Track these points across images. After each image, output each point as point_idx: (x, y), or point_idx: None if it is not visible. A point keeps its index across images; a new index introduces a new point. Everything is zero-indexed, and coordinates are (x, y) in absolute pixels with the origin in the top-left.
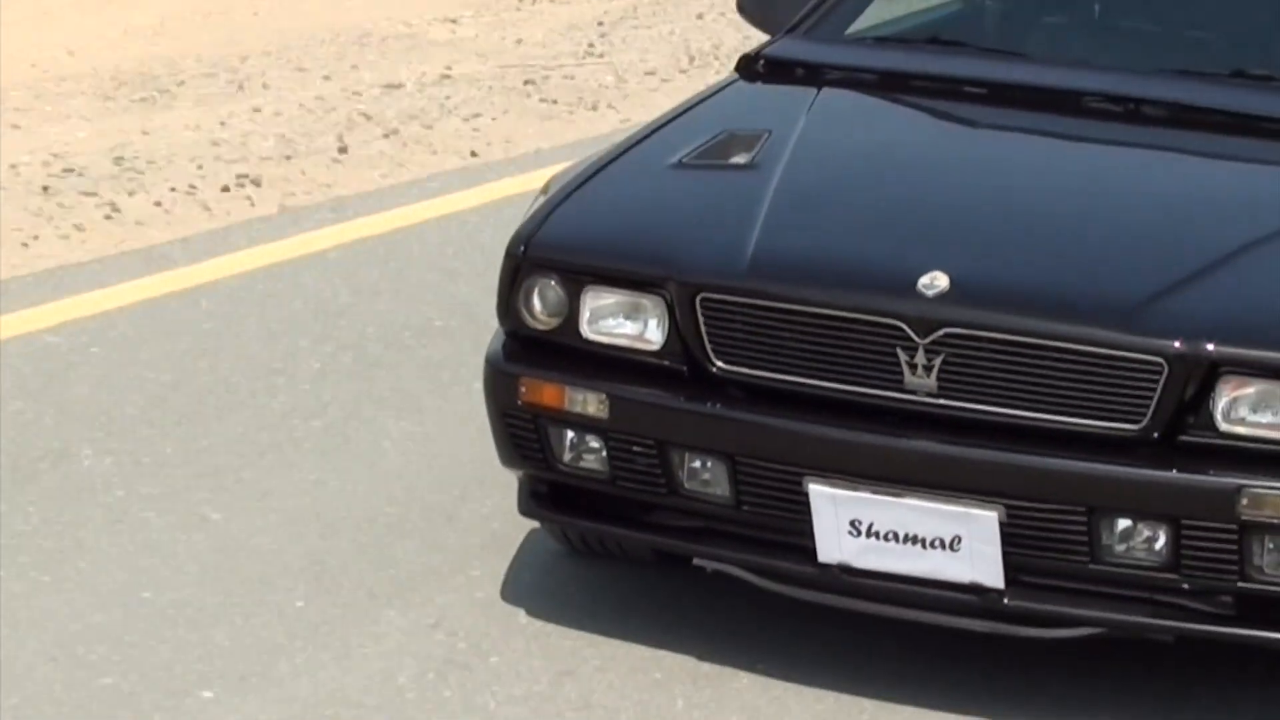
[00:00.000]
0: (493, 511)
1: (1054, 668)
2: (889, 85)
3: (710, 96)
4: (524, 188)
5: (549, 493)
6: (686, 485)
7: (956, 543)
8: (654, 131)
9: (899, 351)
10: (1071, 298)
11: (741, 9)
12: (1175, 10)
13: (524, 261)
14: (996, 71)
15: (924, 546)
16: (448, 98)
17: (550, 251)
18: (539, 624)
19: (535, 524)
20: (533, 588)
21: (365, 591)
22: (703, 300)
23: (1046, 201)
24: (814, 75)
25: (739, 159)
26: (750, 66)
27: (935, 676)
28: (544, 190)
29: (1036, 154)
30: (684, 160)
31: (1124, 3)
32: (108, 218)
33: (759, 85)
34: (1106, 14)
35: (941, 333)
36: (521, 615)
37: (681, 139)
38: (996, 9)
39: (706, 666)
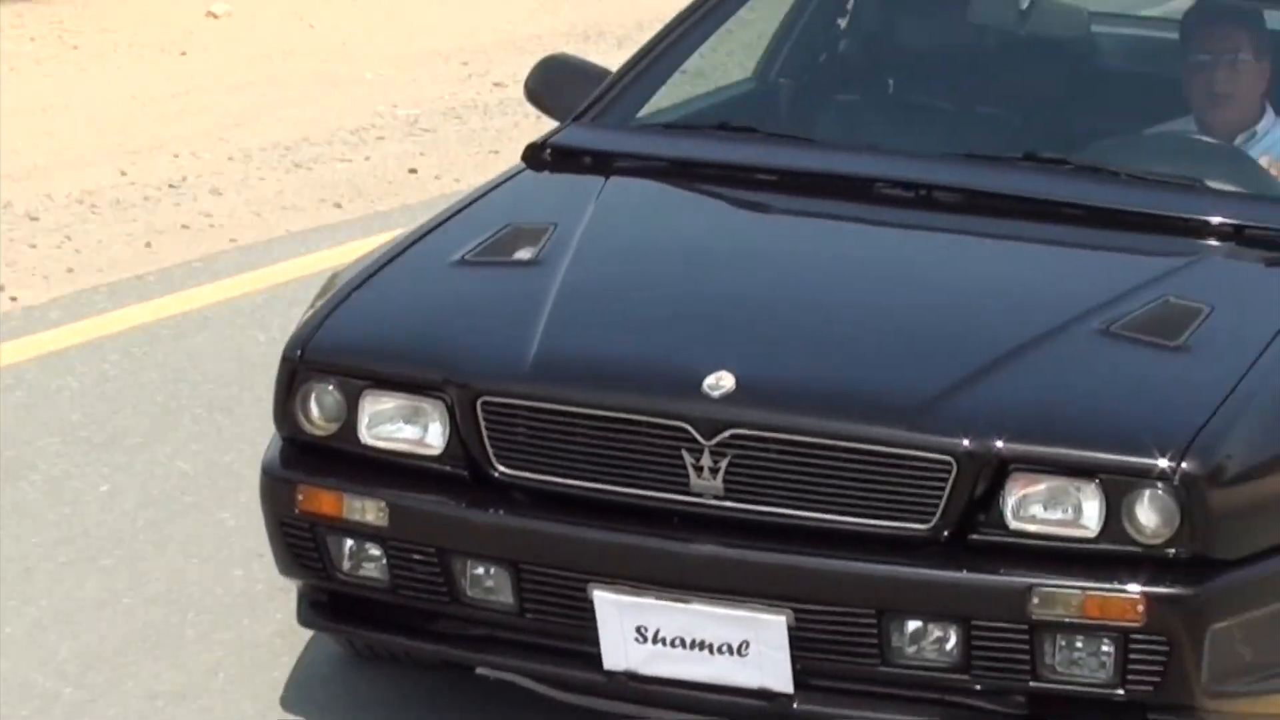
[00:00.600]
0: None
1: None
2: (677, 174)
3: (496, 188)
4: None
5: (329, 601)
6: (469, 593)
7: (745, 648)
8: (437, 226)
9: (684, 454)
10: (858, 396)
11: (529, 93)
12: (969, 89)
13: (300, 366)
14: (786, 158)
15: (711, 652)
16: None
17: (327, 355)
18: None
19: None
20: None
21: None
22: (484, 404)
23: (836, 294)
24: (602, 164)
25: (523, 255)
26: (537, 155)
27: None
28: (325, 289)
29: (827, 244)
30: (466, 257)
31: (917, 82)
32: None
33: (546, 175)
34: (899, 93)
35: (727, 434)
36: None
37: (465, 234)
38: (788, 91)
39: None
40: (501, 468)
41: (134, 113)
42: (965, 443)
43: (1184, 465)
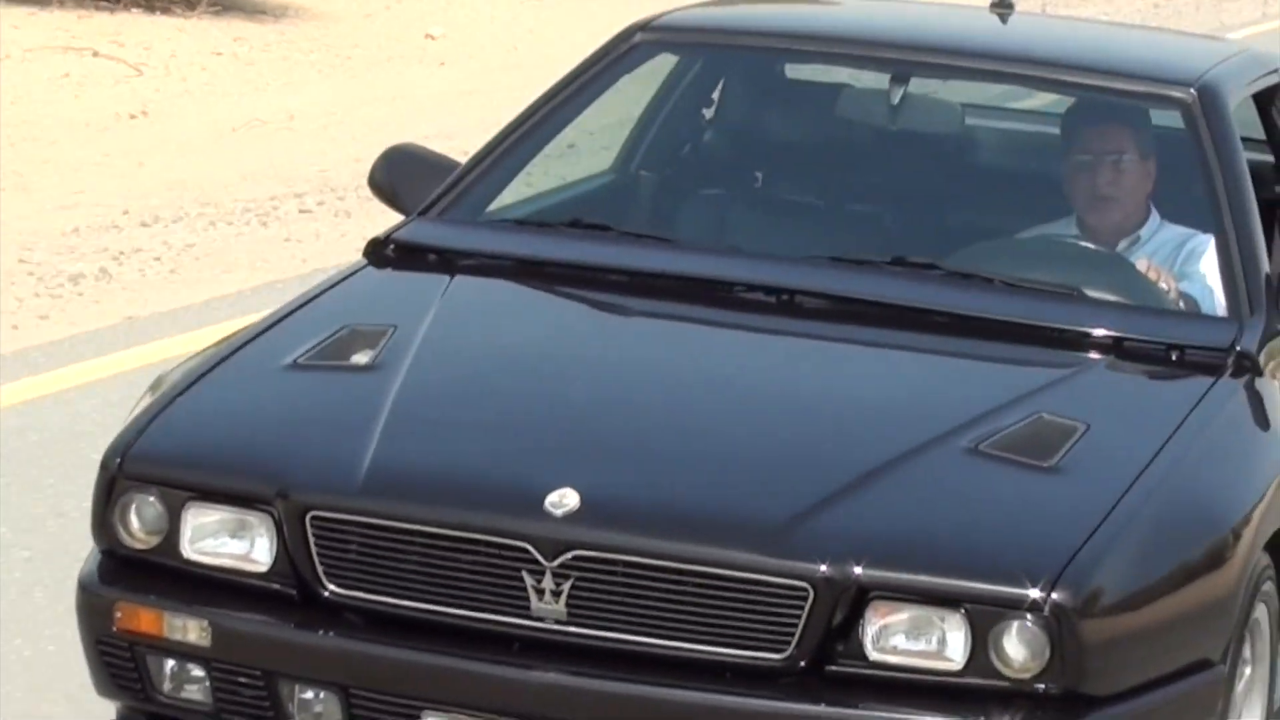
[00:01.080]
0: None
1: None
2: (527, 273)
3: (335, 285)
4: None
5: None
6: (297, 718)
7: None
8: (272, 325)
9: (525, 575)
10: (710, 516)
11: (372, 185)
12: (838, 187)
13: (119, 475)
14: (641, 259)
15: None
16: None
17: (148, 465)
18: None
19: None
20: None
21: None
22: (313, 519)
23: (690, 407)
24: (447, 261)
25: (360, 358)
26: (379, 251)
27: None
28: (150, 390)
29: (683, 352)
30: (300, 360)
31: (783, 178)
32: None
33: (388, 272)
34: (764, 190)
35: (571, 555)
36: None
37: (299, 335)
38: (648, 185)
39: None
40: (332, 587)
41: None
42: (823, 568)
43: (1055, 595)
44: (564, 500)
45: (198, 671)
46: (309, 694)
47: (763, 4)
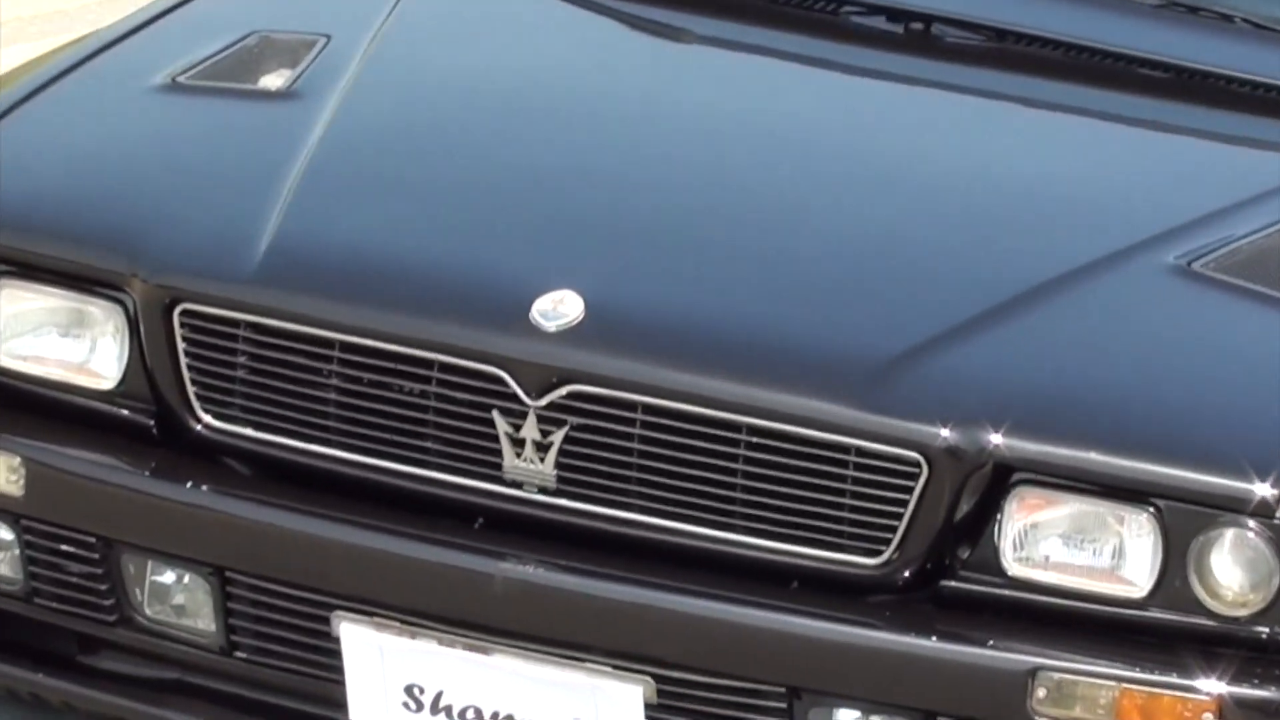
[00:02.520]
0: None
1: None
2: None
3: None
4: None
5: None
6: (147, 611)
7: None
8: (138, 28)
9: (497, 417)
10: (780, 347)
11: None
12: None
13: None
14: None
15: None
16: None
17: None
18: None
19: None
20: None
21: None
22: (183, 313)
23: (755, 180)
24: None
25: (270, 81)
26: None
27: None
28: None
29: (755, 99)
30: (179, 79)
31: None
32: None
33: None
34: None
35: (565, 390)
36: None
37: (182, 42)
38: None
39: None
40: (207, 418)
41: None
42: (944, 432)
43: None
44: (559, 308)
45: (4, 533)
46: (166, 576)
47: None
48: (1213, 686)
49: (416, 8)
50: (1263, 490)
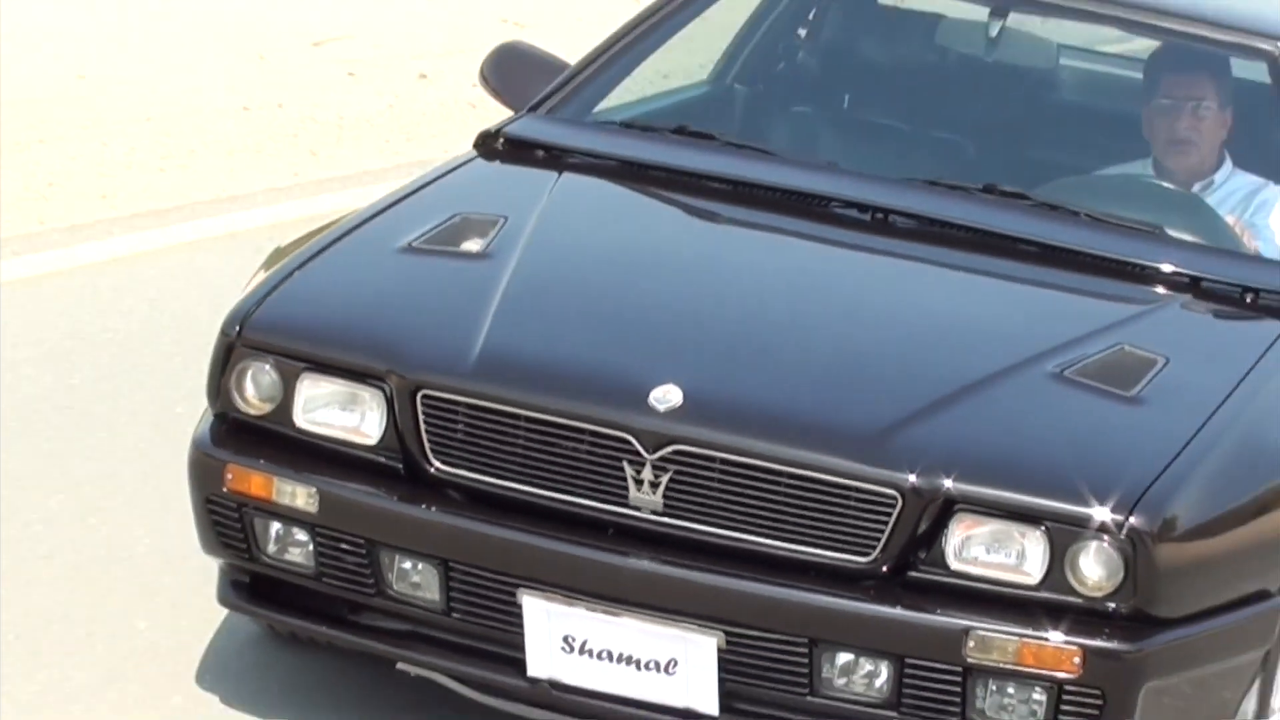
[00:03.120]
0: None
1: None
2: (633, 175)
3: (446, 174)
4: None
5: (250, 583)
6: (395, 587)
7: (673, 666)
8: (385, 209)
9: (626, 465)
10: (807, 421)
11: (484, 79)
12: (931, 112)
13: (238, 342)
14: (742, 168)
15: (639, 668)
16: None
17: (266, 334)
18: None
19: None
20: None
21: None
22: (424, 397)
23: (789, 314)
24: (556, 158)
25: (472, 246)
26: (489, 144)
27: None
28: (266, 264)
29: (781, 261)
30: (414, 244)
31: (878, 100)
32: None
33: (498, 165)
34: (859, 111)
35: (670, 449)
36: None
37: (413, 220)
38: (744, 97)
39: None
40: (437, 463)
41: None
42: (912, 478)
43: (1131, 520)
44: (667, 396)
45: (302, 536)
46: (408, 564)
47: None
48: (1079, 640)
49: (561, 202)
50: (1111, 517)
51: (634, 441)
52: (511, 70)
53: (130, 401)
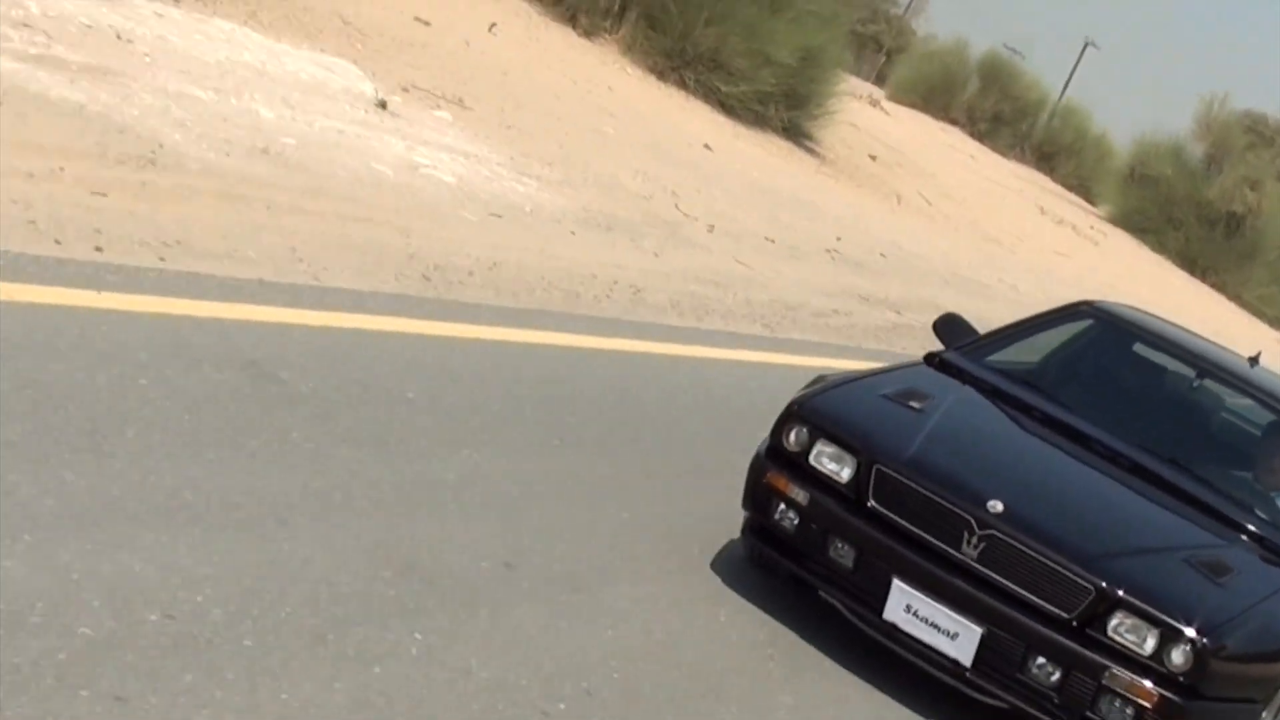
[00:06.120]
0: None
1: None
2: (999, 395)
3: (908, 367)
4: None
5: (759, 530)
6: (830, 554)
7: (956, 636)
8: (875, 374)
9: (964, 532)
10: (1061, 539)
11: (935, 328)
12: (1149, 414)
13: (794, 414)
14: (1054, 411)
15: (939, 631)
16: None
17: (808, 413)
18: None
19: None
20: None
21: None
22: (876, 469)
23: (1067, 487)
24: (962, 376)
25: (915, 404)
26: (931, 360)
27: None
28: (813, 382)
29: (1071, 464)
30: (886, 394)
31: (1122, 399)
32: None
33: (933, 371)
34: (1111, 401)
35: (989, 531)
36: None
37: (888, 382)
38: (1065, 375)
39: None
40: (873, 501)
41: None
42: (1103, 583)
43: (1205, 640)
44: (995, 505)
45: (793, 516)
46: (841, 545)
47: (1145, 317)
48: (1160, 690)
49: (962, 398)
50: (1191, 634)
51: (974, 524)
52: (948, 326)
53: None
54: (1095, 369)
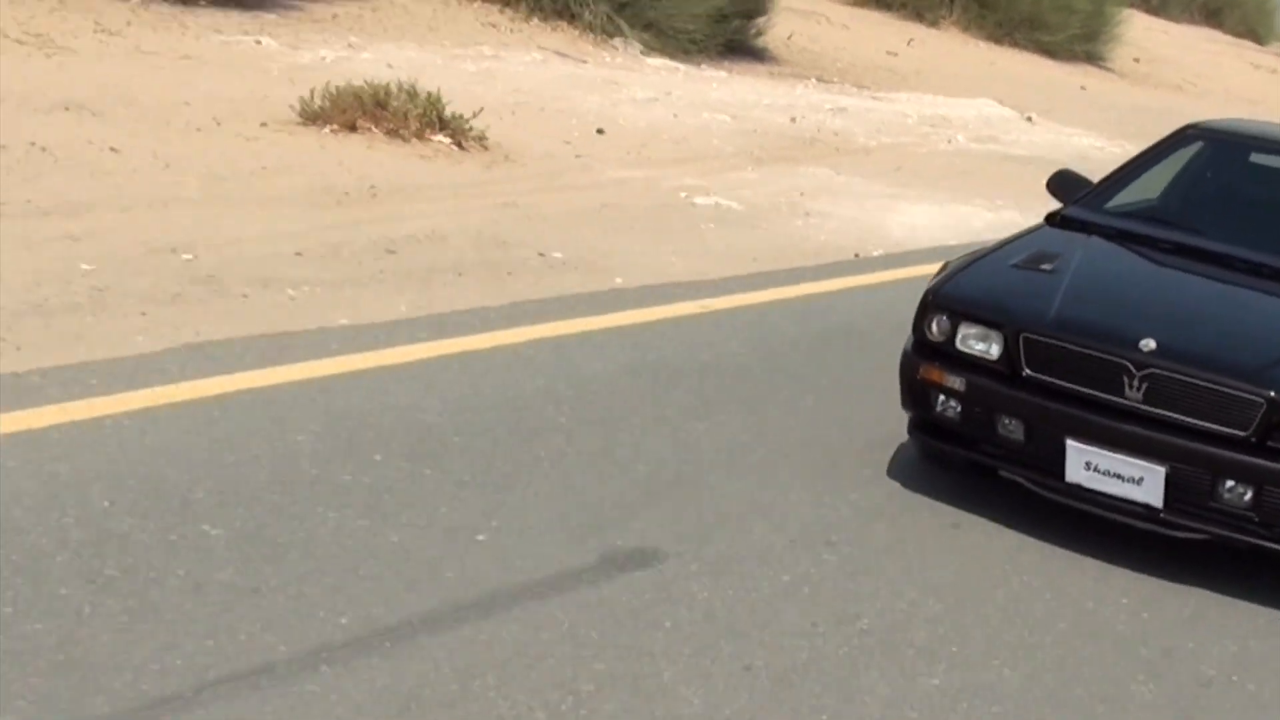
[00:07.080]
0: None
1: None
2: (1126, 238)
3: (1032, 232)
4: None
5: (924, 425)
6: (1000, 432)
7: (1140, 481)
8: (1000, 247)
9: (1124, 378)
10: (1222, 360)
11: (1049, 188)
12: (1267, 221)
13: (931, 303)
14: (1186, 238)
15: (1123, 480)
16: None
17: (944, 299)
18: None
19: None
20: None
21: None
22: (1024, 338)
23: (1216, 310)
24: (1086, 228)
25: (1046, 266)
26: (1053, 219)
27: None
28: (940, 269)
29: (1212, 285)
30: (1016, 264)
31: (1237, 209)
32: None
33: (1057, 230)
34: (1230, 214)
35: (1148, 370)
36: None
37: (1015, 251)
38: (1188, 201)
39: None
40: (1028, 371)
41: None
42: (1272, 393)
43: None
44: (1148, 342)
45: (954, 404)
46: (1008, 421)
47: (1253, 124)
48: None
49: (1089, 248)
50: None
51: (1130, 366)
52: (1063, 182)
53: None
54: (1216, 187)
